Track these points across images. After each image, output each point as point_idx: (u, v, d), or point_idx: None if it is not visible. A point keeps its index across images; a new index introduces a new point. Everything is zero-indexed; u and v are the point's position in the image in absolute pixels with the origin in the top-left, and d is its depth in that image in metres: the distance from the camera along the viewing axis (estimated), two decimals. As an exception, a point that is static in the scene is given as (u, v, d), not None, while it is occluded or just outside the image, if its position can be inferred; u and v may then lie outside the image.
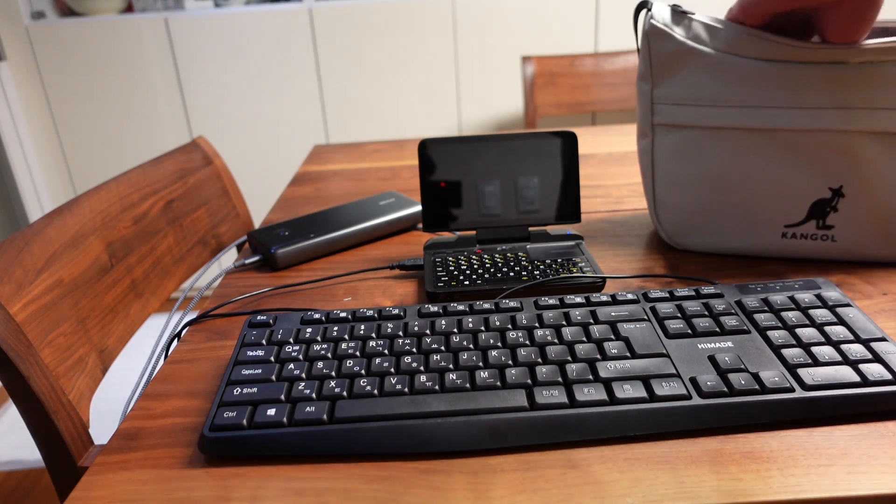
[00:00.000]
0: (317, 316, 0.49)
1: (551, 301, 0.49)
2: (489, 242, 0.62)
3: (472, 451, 0.38)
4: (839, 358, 0.41)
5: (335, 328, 0.47)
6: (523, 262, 0.58)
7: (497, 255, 0.60)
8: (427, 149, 0.61)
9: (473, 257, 0.60)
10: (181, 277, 0.87)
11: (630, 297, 0.49)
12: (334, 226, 0.68)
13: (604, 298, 0.49)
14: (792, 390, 0.39)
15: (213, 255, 0.96)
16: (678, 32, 0.58)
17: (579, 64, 1.76)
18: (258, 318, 0.49)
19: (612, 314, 0.47)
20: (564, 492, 0.34)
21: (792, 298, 0.47)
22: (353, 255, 0.68)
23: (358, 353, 0.44)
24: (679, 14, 0.58)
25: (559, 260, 0.58)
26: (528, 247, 0.61)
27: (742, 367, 0.40)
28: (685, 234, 0.62)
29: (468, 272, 0.57)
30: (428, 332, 0.46)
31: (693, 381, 0.40)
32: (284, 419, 0.39)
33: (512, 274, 0.56)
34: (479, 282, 0.55)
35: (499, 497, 0.34)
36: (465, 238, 0.63)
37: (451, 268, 0.58)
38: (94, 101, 2.00)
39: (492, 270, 0.57)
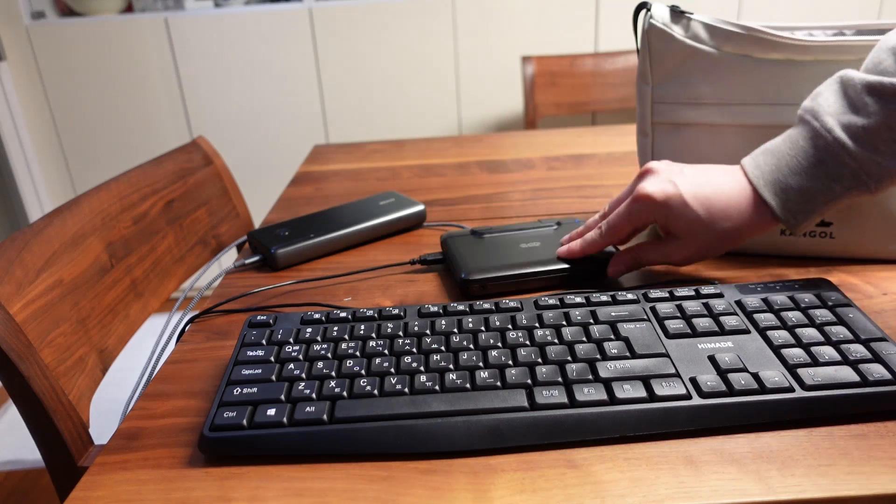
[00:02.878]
0: (317, 316, 0.49)
1: (551, 301, 0.49)
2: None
3: (472, 451, 0.38)
4: (839, 358, 0.41)
5: (335, 328, 0.47)
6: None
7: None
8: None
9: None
10: (181, 277, 0.87)
11: (630, 297, 0.49)
12: (334, 226, 0.68)
13: (604, 298, 0.49)
14: (792, 390, 0.39)
15: (213, 255, 0.96)
16: (677, 32, 0.58)
17: (579, 64, 1.76)
18: (258, 318, 0.49)
19: (612, 314, 0.47)
20: (564, 492, 0.34)
21: (792, 298, 0.47)
22: (353, 255, 0.68)
23: (358, 353, 0.44)
24: (678, 14, 0.58)
25: None
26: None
27: (742, 367, 0.40)
28: (685, 234, 0.62)
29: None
30: (428, 331, 0.46)
31: (693, 381, 0.40)
32: (284, 419, 0.39)
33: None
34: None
35: (499, 497, 0.34)
36: (479, 230, 0.63)
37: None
38: (94, 101, 2.00)
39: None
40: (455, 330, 0.46)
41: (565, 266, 0.56)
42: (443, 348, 0.44)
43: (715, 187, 0.50)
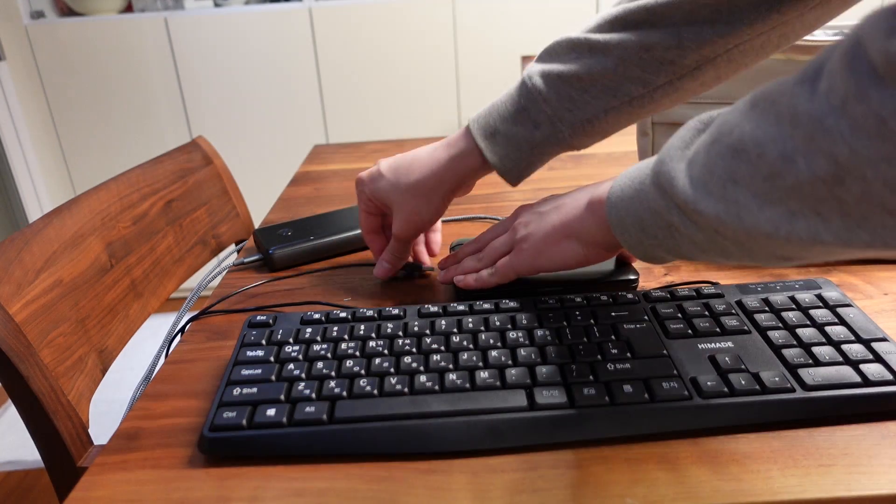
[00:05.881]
0: (316, 316, 0.49)
1: (551, 301, 0.49)
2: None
3: (472, 451, 0.38)
4: (840, 358, 0.41)
5: (335, 328, 0.47)
6: None
7: None
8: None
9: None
10: (181, 277, 0.87)
11: (630, 297, 0.49)
12: (336, 228, 0.68)
13: (604, 299, 0.48)
14: (792, 390, 0.39)
15: (213, 255, 0.96)
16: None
17: (579, 64, 1.76)
18: (258, 318, 0.49)
19: (613, 314, 0.46)
20: (564, 492, 0.34)
21: (792, 298, 0.47)
22: (354, 258, 0.67)
23: (358, 353, 0.44)
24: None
25: None
26: None
27: (742, 367, 0.40)
28: (685, 234, 0.62)
29: None
30: (428, 332, 0.46)
31: (693, 381, 0.40)
32: (284, 419, 0.39)
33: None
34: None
35: (499, 497, 0.34)
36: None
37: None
38: (94, 101, 2.00)
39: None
40: (455, 330, 0.46)
41: (567, 284, 0.54)
42: (443, 348, 0.44)
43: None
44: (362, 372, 0.42)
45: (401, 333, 0.46)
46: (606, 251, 0.48)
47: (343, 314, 0.49)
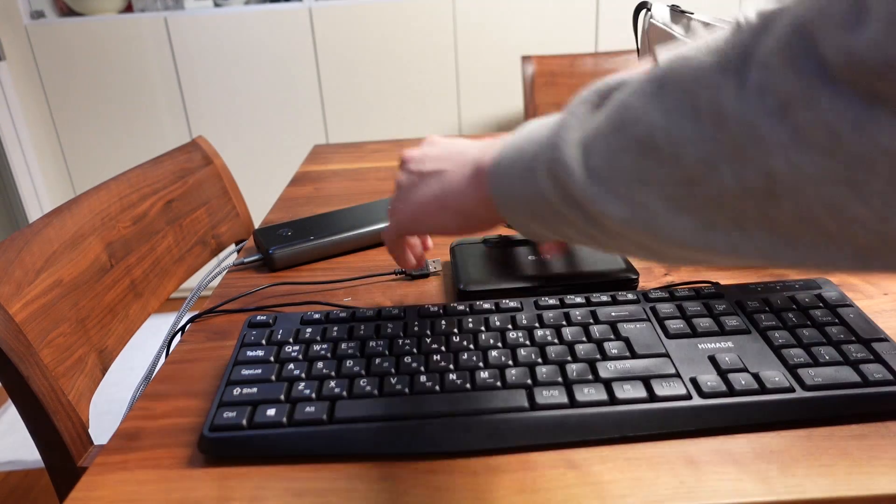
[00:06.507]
0: (317, 316, 0.49)
1: (551, 301, 0.49)
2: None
3: (472, 451, 0.38)
4: (839, 358, 0.41)
5: (335, 328, 0.47)
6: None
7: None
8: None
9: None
10: (181, 277, 0.87)
11: (630, 296, 0.49)
12: (336, 228, 0.68)
13: (604, 298, 0.49)
14: (792, 390, 0.39)
15: (213, 255, 0.96)
16: (677, 31, 0.58)
17: (579, 64, 1.76)
18: (258, 318, 0.49)
19: (613, 314, 0.47)
20: (564, 492, 0.34)
21: (792, 298, 0.47)
22: (354, 258, 0.67)
23: (358, 354, 0.44)
24: (678, 13, 0.58)
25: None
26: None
27: (742, 367, 0.40)
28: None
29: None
30: (428, 332, 0.46)
31: (693, 381, 0.40)
32: (284, 419, 0.39)
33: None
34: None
35: (499, 497, 0.34)
36: (491, 239, 0.62)
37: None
38: (93, 101, 2.00)
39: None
40: (455, 330, 0.46)
41: (567, 283, 0.54)
42: (443, 349, 0.44)
43: None
44: (362, 372, 0.42)
45: (401, 334, 0.46)
46: (489, 224, 0.43)
47: (343, 314, 0.49)
